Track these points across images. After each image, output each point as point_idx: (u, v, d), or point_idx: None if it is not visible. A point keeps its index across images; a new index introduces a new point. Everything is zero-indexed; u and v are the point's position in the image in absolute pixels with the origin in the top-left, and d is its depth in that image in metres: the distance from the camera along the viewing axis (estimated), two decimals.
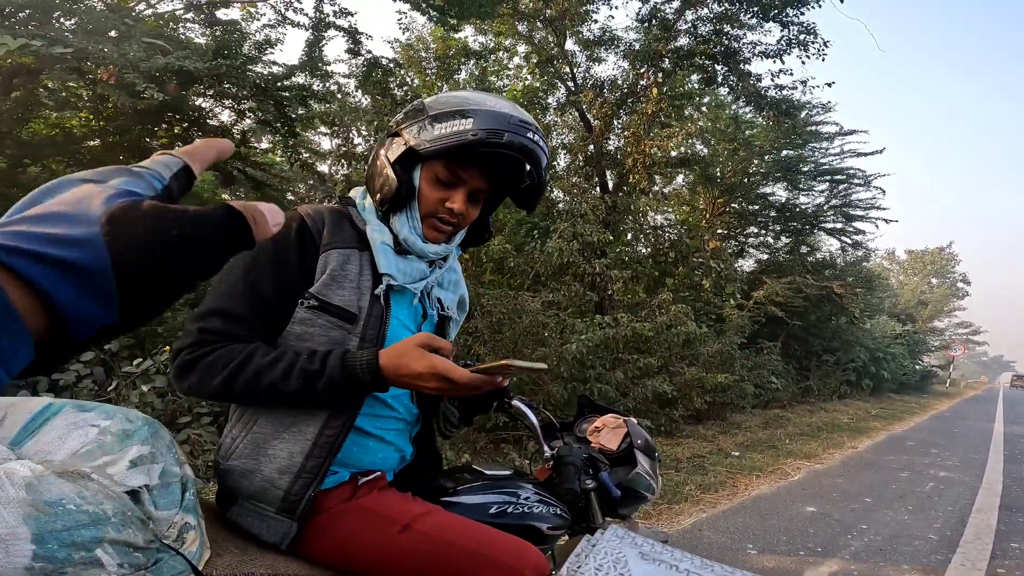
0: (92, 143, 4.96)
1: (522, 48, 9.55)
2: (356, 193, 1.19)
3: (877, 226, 14.16)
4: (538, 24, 8.99)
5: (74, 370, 3.91)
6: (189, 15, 5.24)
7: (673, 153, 8.72)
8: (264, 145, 7.77)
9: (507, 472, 1.35)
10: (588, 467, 1.41)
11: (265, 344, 1.03)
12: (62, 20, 4.29)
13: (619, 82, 9.16)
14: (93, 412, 0.87)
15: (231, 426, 1.08)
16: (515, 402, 1.45)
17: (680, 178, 11.67)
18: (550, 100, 9.68)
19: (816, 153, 13.32)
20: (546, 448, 1.47)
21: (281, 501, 1.00)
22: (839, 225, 14.17)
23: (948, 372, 33.41)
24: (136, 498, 0.79)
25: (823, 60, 8.65)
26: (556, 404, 5.13)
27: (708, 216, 12.43)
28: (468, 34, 9.42)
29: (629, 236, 9.25)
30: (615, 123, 9.07)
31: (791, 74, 9.04)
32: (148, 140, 4.99)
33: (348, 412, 1.04)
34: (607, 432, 1.54)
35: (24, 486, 0.68)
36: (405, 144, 1.08)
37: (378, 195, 1.12)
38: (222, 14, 5.16)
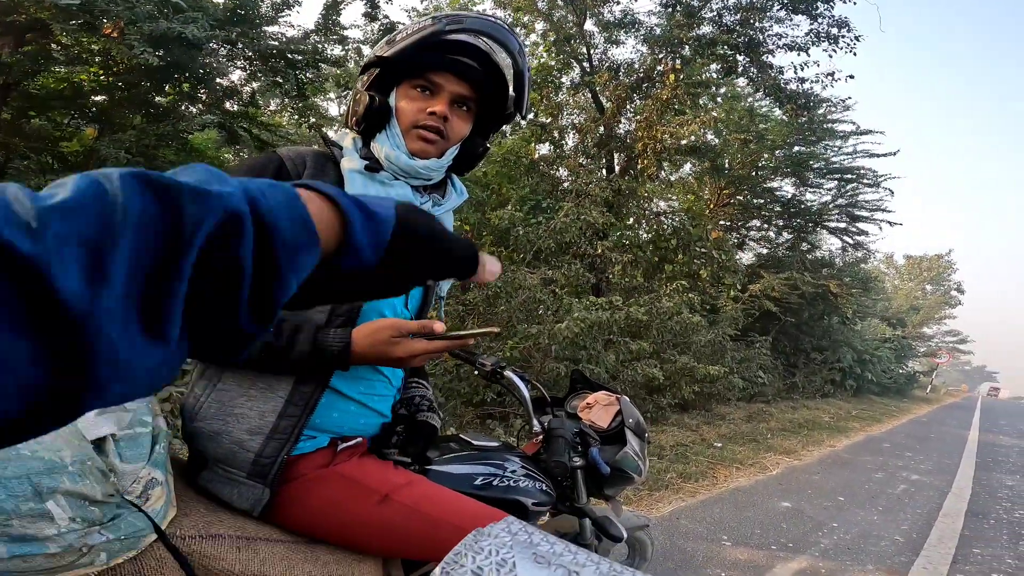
0: (99, 98, 4.90)
1: (540, 26, 9.34)
2: (341, 135, 1.08)
3: (881, 228, 14.15)
4: (558, 2, 8.83)
5: None
6: None
7: (684, 141, 8.60)
8: (273, 107, 7.68)
9: (495, 444, 1.31)
10: (578, 443, 1.38)
11: None
12: None
13: (636, 66, 9.02)
14: None
15: (194, 383, 1.00)
16: (507, 373, 1.41)
17: (687, 166, 11.54)
18: (564, 80, 9.51)
19: (828, 151, 13.16)
20: (535, 422, 1.43)
21: (252, 465, 0.94)
22: (843, 224, 14.10)
23: (931, 378, 33.71)
24: (100, 447, 0.73)
25: (855, 55, 8.48)
26: (547, 381, 5.10)
27: (712, 206, 12.32)
28: (487, 7, 9.23)
29: (631, 220, 9.18)
30: (628, 107, 8.92)
31: (817, 64, 8.91)
32: (155, 95, 4.90)
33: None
34: (598, 409, 1.50)
35: None
36: (375, 58, 1.03)
37: (353, 119, 1.04)
38: None
